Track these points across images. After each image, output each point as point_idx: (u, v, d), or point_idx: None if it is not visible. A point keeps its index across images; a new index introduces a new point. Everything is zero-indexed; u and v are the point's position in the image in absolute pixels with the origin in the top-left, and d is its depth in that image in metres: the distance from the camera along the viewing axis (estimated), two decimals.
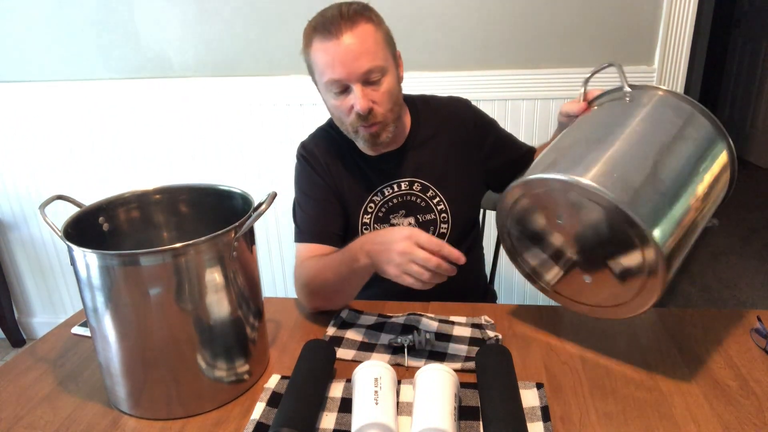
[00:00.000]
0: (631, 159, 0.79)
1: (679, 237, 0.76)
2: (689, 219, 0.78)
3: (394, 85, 1.04)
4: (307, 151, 1.17)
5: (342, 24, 0.96)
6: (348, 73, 0.97)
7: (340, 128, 1.10)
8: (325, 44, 0.97)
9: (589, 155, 0.80)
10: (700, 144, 0.84)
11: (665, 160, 0.80)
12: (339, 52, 0.96)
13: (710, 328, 0.98)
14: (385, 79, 1.01)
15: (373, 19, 1.00)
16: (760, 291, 2.57)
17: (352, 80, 0.98)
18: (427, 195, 1.16)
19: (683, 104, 0.87)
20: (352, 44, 0.96)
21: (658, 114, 0.85)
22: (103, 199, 0.92)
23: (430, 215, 1.16)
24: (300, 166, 1.18)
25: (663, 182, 0.77)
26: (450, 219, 1.17)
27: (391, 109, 1.04)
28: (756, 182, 3.78)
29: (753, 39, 3.87)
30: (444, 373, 0.79)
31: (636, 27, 1.68)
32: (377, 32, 1.00)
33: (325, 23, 0.97)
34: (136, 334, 0.78)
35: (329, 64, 0.98)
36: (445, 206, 1.16)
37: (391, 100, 1.03)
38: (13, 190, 2.16)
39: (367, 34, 0.97)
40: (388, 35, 1.04)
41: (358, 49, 0.96)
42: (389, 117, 1.04)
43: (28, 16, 1.91)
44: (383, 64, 1.00)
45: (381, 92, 1.01)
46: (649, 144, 0.81)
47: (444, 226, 1.17)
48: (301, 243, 1.13)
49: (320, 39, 0.98)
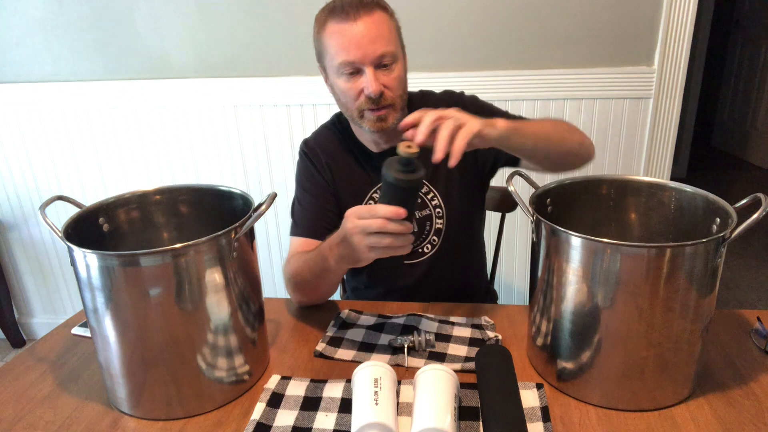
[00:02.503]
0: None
1: None
2: None
3: (403, 74, 1.06)
4: (308, 148, 1.19)
5: (360, 9, 0.98)
6: (363, 55, 0.99)
7: (345, 113, 1.10)
8: (342, 26, 0.99)
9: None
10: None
11: None
12: (355, 35, 0.98)
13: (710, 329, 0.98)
14: (396, 66, 1.03)
15: (387, 10, 1.03)
16: (760, 291, 2.57)
17: (366, 63, 0.99)
18: (422, 191, 1.16)
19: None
20: (368, 28, 0.98)
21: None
22: (103, 200, 0.92)
23: (426, 211, 1.17)
24: (301, 162, 1.20)
25: None
26: (444, 214, 1.17)
27: (400, 96, 1.05)
28: (756, 182, 3.78)
29: (753, 39, 3.87)
30: (444, 374, 0.79)
31: (636, 27, 1.68)
32: (391, 21, 1.03)
33: (343, 6, 0.99)
34: (136, 334, 0.78)
35: (344, 45, 0.99)
36: (439, 201, 1.16)
37: (400, 86, 1.05)
38: (13, 190, 2.16)
39: (383, 21, 1.00)
40: (399, 29, 1.07)
41: (374, 33, 0.98)
42: (398, 103, 1.05)
43: (28, 16, 1.91)
44: (395, 51, 1.02)
45: (392, 77, 1.03)
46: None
47: (439, 221, 1.17)
48: (295, 237, 1.15)
49: (336, 21, 0.99)
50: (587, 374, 0.81)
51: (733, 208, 0.80)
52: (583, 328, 0.79)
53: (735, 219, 0.77)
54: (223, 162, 2.00)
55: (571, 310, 0.80)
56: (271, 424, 0.79)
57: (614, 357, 0.78)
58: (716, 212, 0.83)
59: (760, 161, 4.00)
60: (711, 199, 0.85)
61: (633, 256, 0.73)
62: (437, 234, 1.18)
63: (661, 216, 0.94)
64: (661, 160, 1.80)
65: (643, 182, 0.95)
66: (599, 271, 0.75)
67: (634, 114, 1.75)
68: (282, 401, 0.84)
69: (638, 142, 1.79)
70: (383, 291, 1.24)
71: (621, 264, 0.73)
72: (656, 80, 1.70)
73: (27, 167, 2.11)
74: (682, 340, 0.77)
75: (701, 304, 0.77)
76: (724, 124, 4.36)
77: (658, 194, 0.93)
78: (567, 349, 0.82)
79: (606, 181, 0.97)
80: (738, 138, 4.20)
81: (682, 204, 0.90)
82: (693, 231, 0.88)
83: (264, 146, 1.96)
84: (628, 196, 0.96)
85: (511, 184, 0.89)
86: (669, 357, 0.77)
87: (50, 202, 0.86)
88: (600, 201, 0.97)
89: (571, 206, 0.95)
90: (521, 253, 1.99)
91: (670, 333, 0.76)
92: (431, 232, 1.18)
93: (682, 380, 0.80)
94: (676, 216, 0.92)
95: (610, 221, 0.98)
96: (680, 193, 0.90)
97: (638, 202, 0.96)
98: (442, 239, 1.18)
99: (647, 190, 0.94)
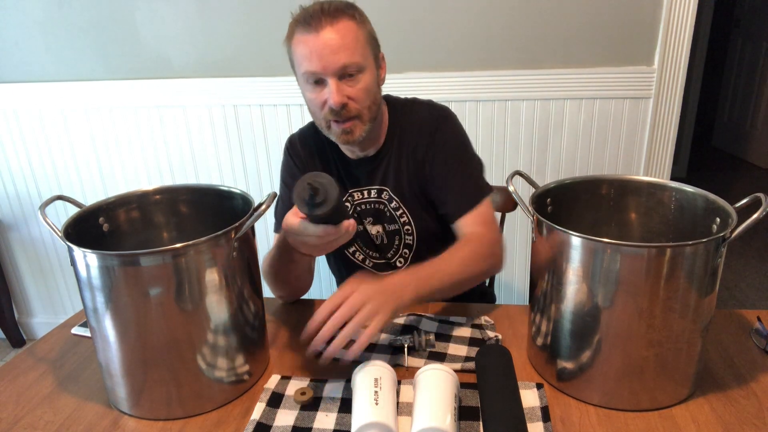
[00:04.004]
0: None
1: None
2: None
3: (371, 84, 1.02)
4: (291, 144, 1.20)
5: (323, 18, 0.96)
6: (324, 66, 0.97)
7: (315, 122, 1.09)
8: (305, 36, 0.97)
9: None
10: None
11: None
12: (317, 45, 0.96)
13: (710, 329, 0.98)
14: (362, 77, 1.00)
15: (355, 17, 1.00)
16: (760, 291, 2.57)
17: (328, 73, 0.98)
18: (392, 206, 1.14)
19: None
20: (331, 39, 0.96)
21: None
22: (103, 200, 0.92)
23: (394, 225, 1.16)
24: (284, 157, 1.21)
25: None
26: (414, 231, 1.15)
27: (367, 107, 1.02)
28: (756, 182, 3.78)
29: (753, 39, 3.87)
30: (444, 374, 0.79)
31: (636, 27, 1.68)
32: (359, 30, 0.99)
33: (306, 17, 0.98)
34: (136, 334, 0.78)
35: (306, 56, 0.98)
36: (408, 218, 1.14)
37: (367, 98, 1.02)
38: (13, 190, 2.16)
39: (348, 30, 0.98)
40: (371, 35, 1.04)
41: (337, 44, 0.96)
42: (365, 115, 1.02)
43: (28, 16, 1.91)
44: (361, 62, 0.99)
45: (357, 89, 1.00)
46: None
47: (409, 238, 1.16)
48: (276, 233, 1.16)
49: (300, 32, 0.98)
50: (587, 374, 0.81)
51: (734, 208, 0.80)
52: (584, 328, 0.79)
53: (735, 219, 0.77)
54: (223, 162, 2.00)
55: (571, 310, 0.80)
56: (271, 424, 0.79)
57: (614, 357, 0.78)
58: (716, 212, 0.83)
59: (760, 161, 4.00)
60: (711, 199, 0.85)
61: (633, 256, 0.73)
62: (408, 248, 1.17)
63: (661, 216, 0.94)
64: (661, 160, 1.80)
65: (643, 182, 0.95)
66: (599, 271, 0.75)
67: (634, 114, 1.75)
68: (282, 401, 0.84)
69: (638, 142, 1.79)
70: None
71: (621, 264, 0.73)
72: (656, 80, 1.70)
73: (27, 167, 2.11)
74: (683, 340, 0.77)
75: (701, 304, 0.76)
76: (724, 124, 4.36)
77: (659, 194, 0.93)
78: (567, 349, 0.82)
79: (606, 181, 0.97)
80: (738, 138, 4.20)
81: (682, 204, 0.90)
82: (693, 231, 0.88)
83: (264, 146, 1.95)
84: (628, 196, 0.96)
85: (511, 183, 0.89)
86: (669, 357, 0.77)
87: (50, 202, 0.86)
88: (600, 201, 0.97)
89: (572, 206, 0.95)
90: (521, 253, 1.98)
91: (671, 333, 0.76)
92: (401, 245, 1.17)
93: (682, 380, 0.80)
94: (677, 216, 0.92)
95: (611, 221, 0.98)
96: (680, 192, 0.90)
97: (638, 201, 0.96)
98: (413, 254, 1.17)
99: (647, 189, 0.94)
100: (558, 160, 1.82)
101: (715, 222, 0.83)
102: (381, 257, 1.20)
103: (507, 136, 1.82)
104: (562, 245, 0.78)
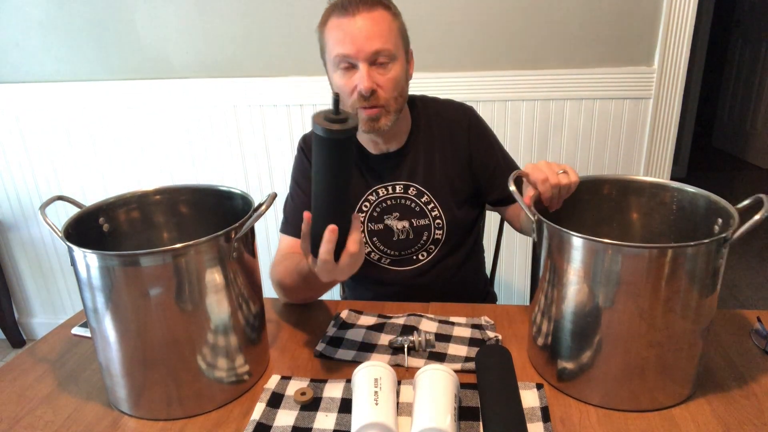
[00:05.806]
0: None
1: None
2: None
3: (400, 76, 1.04)
4: (305, 142, 1.19)
5: (360, 5, 0.98)
6: (357, 50, 0.98)
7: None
8: (340, 20, 0.99)
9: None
10: None
11: None
12: (352, 29, 0.98)
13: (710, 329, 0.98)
14: (393, 66, 1.02)
15: (391, 8, 1.03)
16: (760, 291, 2.57)
17: (360, 58, 0.99)
18: (422, 200, 1.15)
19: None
20: (366, 24, 0.98)
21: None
22: (104, 200, 0.92)
23: (425, 220, 1.16)
24: (297, 156, 1.19)
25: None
26: (444, 225, 1.16)
27: (395, 97, 1.04)
28: (755, 182, 3.78)
29: (753, 39, 3.87)
30: (444, 374, 0.79)
31: (636, 27, 1.68)
32: (393, 21, 1.02)
33: (344, 3, 0.99)
34: (136, 334, 0.78)
35: (340, 39, 0.99)
36: (439, 212, 1.15)
37: (396, 87, 1.03)
38: (13, 190, 2.16)
39: (383, 19, 1.00)
40: (403, 29, 1.06)
41: (371, 30, 0.98)
42: (392, 104, 1.04)
43: (28, 16, 1.91)
44: (393, 50, 1.01)
45: (387, 77, 1.01)
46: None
47: (438, 232, 1.17)
48: (284, 234, 1.15)
49: (336, 16, 1.00)
50: (588, 374, 0.81)
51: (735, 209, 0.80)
52: (584, 328, 0.79)
53: (737, 220, 0.76)
54: (223, 162, 2.00)
55: (572, 310, 0.79)
56: (271, 424, 0.79)
57: (615, 357, 0.78)
58: (718, 213, 0.83)
59: (760, 161, 4.00)
60: (713, 200, 0.84)
61: (634, 257, 0.73)
62: (435, 243, 1.17)
63: (662, 216, 0.94)
64: (661, 160, 1.80)
65: (644, 182, 0.95)
66: (600, 271, 0.75)
67: (634, 114, 1.75)
68: (282, 401, 0.84)
69: (638, 142, 1.79)
70: (371, 294, 1.24)
71: (622, 264, 0.73)
72: (656, 80, 1.70)
73: (27, 167, 2.11)
74: (683, 340, 0.77)
75: (702, 305, 0.76)
76: (724, 124, 4.36)
77: (660, 194, 0.93)
78: (567, 349, 0.82)
79: (608, 181, 0.97)
80: (738, 138, 4.20)
81: (683, 204, 0.90)
82: (694, 231, 0.88)
83: (264, 146, 1.95)
84: (629, 197, 0.96)
85: (512, 184, 0.89)
86: (669, 357, 0.77)
87: (50, 202, 0.86)
88: (601, 201, 0.97)
89: (573, 206, 0.95)
90: (521, 253, 1.99)
91: (671, 333, 0.76)
92: (429, 241, 1.17)
93: (683, 380, 0.80)
94: (678, 216, 0.91)
95: (612, 221, 0.98)
96: (682, 193, 0.90)
97: (640, 202, 0.96)
98: (438, 248, 1.17)
99: (649, 190, 0.94)
100: (558, 161, 1.82)
101: (717, 223, 0.83)
102: (400, 254, 1.19)
103: (507, 136, 1.83)
104: (563, 246, 0.78)
